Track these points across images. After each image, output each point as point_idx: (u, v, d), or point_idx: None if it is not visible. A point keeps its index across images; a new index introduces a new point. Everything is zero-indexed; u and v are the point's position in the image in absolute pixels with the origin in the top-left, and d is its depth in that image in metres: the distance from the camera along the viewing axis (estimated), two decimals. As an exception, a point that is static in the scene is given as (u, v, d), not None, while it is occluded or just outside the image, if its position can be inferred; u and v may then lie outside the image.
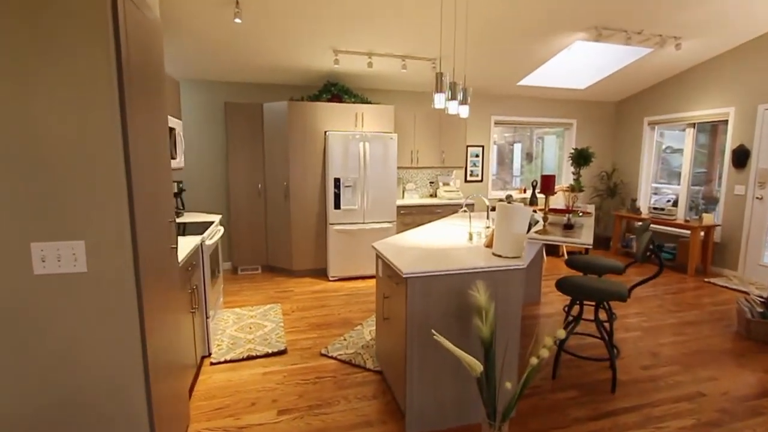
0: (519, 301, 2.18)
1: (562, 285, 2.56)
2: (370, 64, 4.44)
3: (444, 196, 5.57)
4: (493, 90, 5.95)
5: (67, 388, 1.46)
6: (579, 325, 3.18)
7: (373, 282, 4.83)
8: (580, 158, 3.07)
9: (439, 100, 2.71)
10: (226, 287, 4.59)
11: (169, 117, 3.07)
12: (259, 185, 5.04)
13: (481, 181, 6.32)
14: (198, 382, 2.65)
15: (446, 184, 5.91)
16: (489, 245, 2.51)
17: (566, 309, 3.18)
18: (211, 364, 2.87)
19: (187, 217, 3.75)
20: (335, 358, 2.94)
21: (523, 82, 5.57)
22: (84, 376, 1.47)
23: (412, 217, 5.23)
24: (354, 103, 4.98)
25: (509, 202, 2.29)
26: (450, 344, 1.67)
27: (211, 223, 3.41)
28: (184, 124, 5.01)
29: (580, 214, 2.74)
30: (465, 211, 2.77)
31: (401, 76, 5.04)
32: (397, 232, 5.13)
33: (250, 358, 2.94)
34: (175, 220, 2.02)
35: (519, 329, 2.22)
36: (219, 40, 3.86)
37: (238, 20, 3.38)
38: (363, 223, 4.83)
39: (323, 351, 3.03)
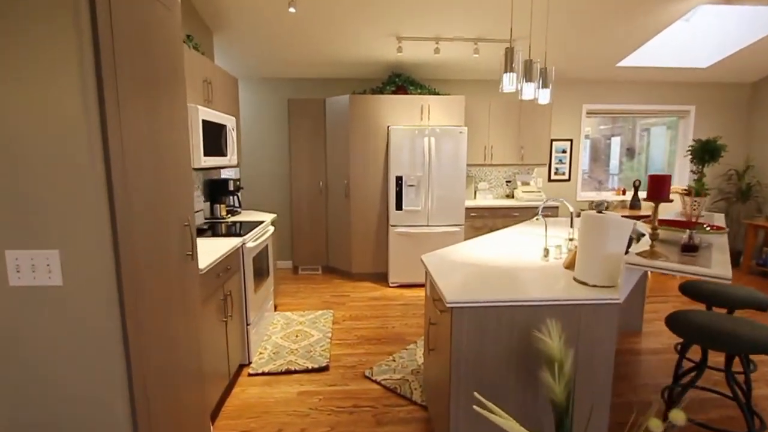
0: (610, 350, 1.61)
1: (675, 323, 1.90)
2: (437, 50, 3.99)
3: (522, 198, 4.91)
4: (586, 74, 5.11)
5: (43, 409, 1.29)
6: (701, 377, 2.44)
7: (436, 291, 4.39)
8: (705, 153, 2.32)
9: (509, 82, 2.19)
10: (283, 288, 4.48)
11: (220, 113, 2.95)
12: (321, 183, 4.87)
13: (569, 180, 5.50)
14: (231, 395, 2.47)
15: (525, 183, 5.23)
16: (570, 266, 1.94)
17: (679, 348, 2.45)
18: (249, 374, 2.68)
19: (244, 216, 3.65)
20: (379, 383, 2.57)
21: (624, 63, 4.67)
22: (61, 397, 1.28)
23: (483, 220, 4.67)
24: (420, 94, 4.56)
25: (600, 211, 1.72)
26: (500, 417, 1.20)
27: (261, 222, 3.25)
28: (248, 123, 5.01)
29: (708, 228, 2.03)
30: (538, 218, 2.22)
31: (473, 62, 4.50)
32: (466, 238, 4.61)
33: (288, 372, 2.70)
34: (191, 224, 1.80)
35: (609, 389, 1.65)
36: (277, 36, 3.70)
37: (292, 9, 3.16)
38: (427, 225, 4.40)
39: (367, 373, 2.68)
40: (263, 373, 2.69)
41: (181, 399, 1.70)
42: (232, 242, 2.55)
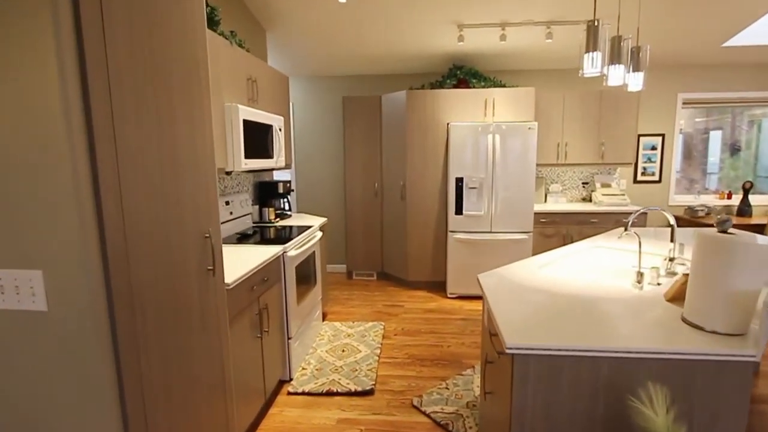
0: (739, 429, 1.16)
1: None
2: (503, 38, 3.56)
3: (602, 201, 4.28)
4: (682, 57, 4.34)
5: (36, 452, 1.15)
6: None
7: (498, 305, 3.95)
8: None
9: (591, 64, 1.76)
10: (335, 294, 4.32)
11: (265, 113, 2.81)
12: (376, 184, 4.64)
13: (659, 181, 4.73)
14: (268, 416, 2.30)
15: (606, 185, 4.57)
16: (675, 299, 1.49)
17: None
18: (289, 393, 2.51)
19: (293, 220, 3.52)
20: (429, 416, 2.26)
21: (732, 42, 3.88)
22: (53, 442, 1.14)
23: (555, 227, 4.14)
24: (483, 87, 4.15)
25: (725, 230, 1.26)
26: None
27: (308, 227, 3.08)
28: (302, 122, 4.92)
29: None
30: (627, 233, 1.77)
31: (545, 49, 3.98)
32: (534, 246, 4.12)
33: (329, 393, 2.48)
34: (213, 236, 1.63)
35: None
36: (331, 32, 3.51)
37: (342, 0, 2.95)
38: (490, 232, 3.98)
39: (416, 401, 2.38)
40: (303, 393, 2.50)
41: (199, 419, 1.53)
42: (271, 251, 2.38)
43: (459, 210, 3.98)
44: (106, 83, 1.10)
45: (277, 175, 6.00)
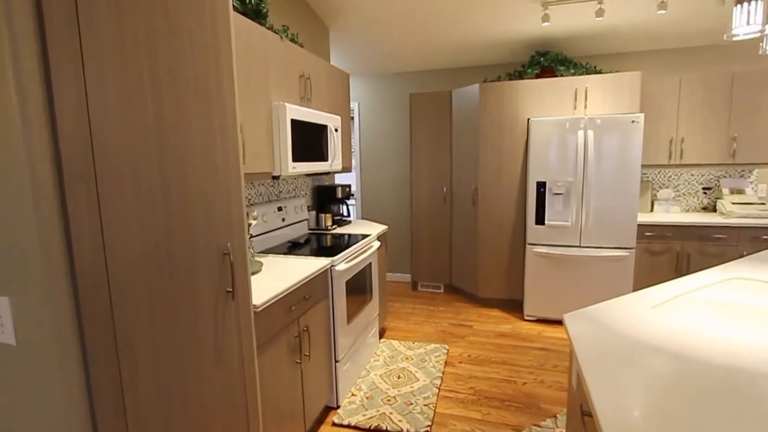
0: None
1: None
2: (599, 13, 2.95)
3: (732, 212, 3.42)
4: None
5: None
6: None
7: (588, 334, 3.31)
8: None
9: (747, 19, 1.21)
10: (396, 307, 3.99)
11: (319, 112, 2.58)
12: (444, 188, 4.23)
13: (815, 186, 3.68)
14: (308, 451, 2.04)
15: (738, 191, 3.66)
16: None
17: None
18: (334, 424, 2.23)
19: (351, 227, 3.27)
20: (494, 479, 1.82)
21: None
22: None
23: (666, 242, 3.38)
24: (573, 75, 3.54)
25: None
26: None
27: (365, 237, 2.80)
28: (367, 122, 4.67)
29: None
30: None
31: (654, 24, 3.26)
32: (638, 266, 3.41)
33: (378, 431, 2.15)
34: (231, 253, 1.38)
35: None
36: (398, 25, 3.20)
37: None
38: (579, 246, 3.36)
39: (479, 455, 1.95)
40: (349, 426, 2.20)
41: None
42: (316, 264, 2.12)
43: (540, 219, 3.43)
44: (78, 68, 0.89)
45: (340, 179, 5.87)
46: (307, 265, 2.11)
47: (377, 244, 2.91)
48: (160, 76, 1.09)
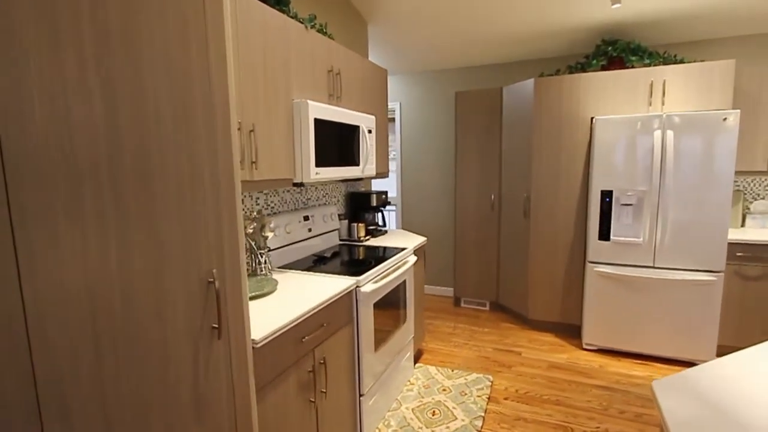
0: None
1: None
2: (687, -12, 2.45)
3: None
4: None
5: None
6: None
7: (660, 372, 2.79)
8: None
9: None
10: (436, 325, 3.64)
11: (349, 111, 2.32)
12: (492, 196, 3.83)
13: None
14: (323, 502, 1.76)
15: None
16: None
17: None
18: (355, 469, 1.94)
19: (386, 238, 2.98)
20: None
21: None
22: None
23: (764, 266, 2.78)
24: (648, 65, 3.03)
25: None
26: None
27: (400, 251, 2.49)
28: (408, 125, 4.36)
29: None
30: None
31: (751, 5, 2.69)
32: (727, 297, 2.83)
33: (405, 484, 1.84)
34: (218, 280, 1.13)
35: None
36: (442, 17, 2.87)
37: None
38: (652, 267, 2.85)
39: None
40: (372, 474, 1.90)
41: None
42: (338, 285, 1.85)
43: (605, 234, 2.95)
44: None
45: (379, 185, 5.58)
46: (329, 285, 1.84)
47: (413, 258, 2.59)
48: (108, 57, 0.86)
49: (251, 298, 1.68)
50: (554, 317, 3.40)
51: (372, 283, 2.07)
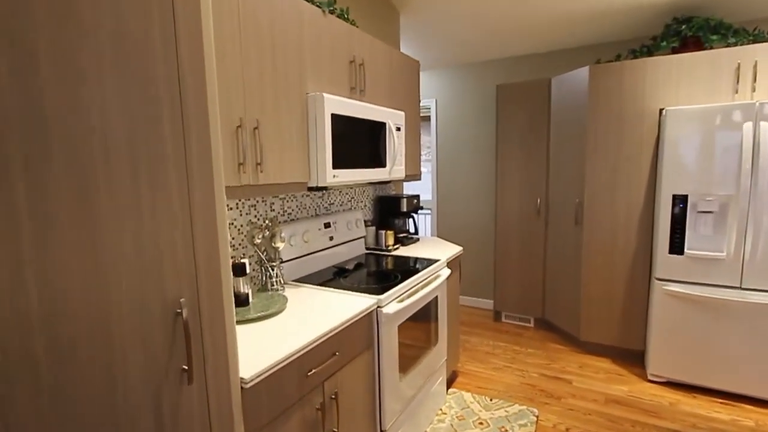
0: None
1: None
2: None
3: None
4: None
5: None
6: None
7: (751, 416, 2.30)
8: None
9: None
10: (474, 342, 3.30)
11: (374, 106, 2.06)
12: (538, 200, 3.43)
13: None
14: None
15: None
16: None
17: None
18: None
19: (417, 247, 2.69)
20: None
21: None
22: None
23: None
24: (732, 45, 2.55)
25: None
26: None
27: (430, 263, 2.20)
28: (444, 122, 4.04)
29: None
30: None
31: None
32: (837, 320, 2.30)
33: None
34: (186, 309, 0.90)
35: None
36: (482, 2, 2.56)
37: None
38: (739, 288, 2.37)
39: None
40: None
41: None
42: (355, 305, 1.59)
43: (677, 247, 2.50)
44: None
45: (411, 188, 5.28)
46: (346, 304, 1.59)
47: (447, 272, 2.29)
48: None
49: (254, 320, 1.46)
50: (611, 340, 2.96)
51: (396, 302, 1.79)
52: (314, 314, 1.52)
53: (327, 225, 2.25)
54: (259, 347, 1.24)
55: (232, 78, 1.35)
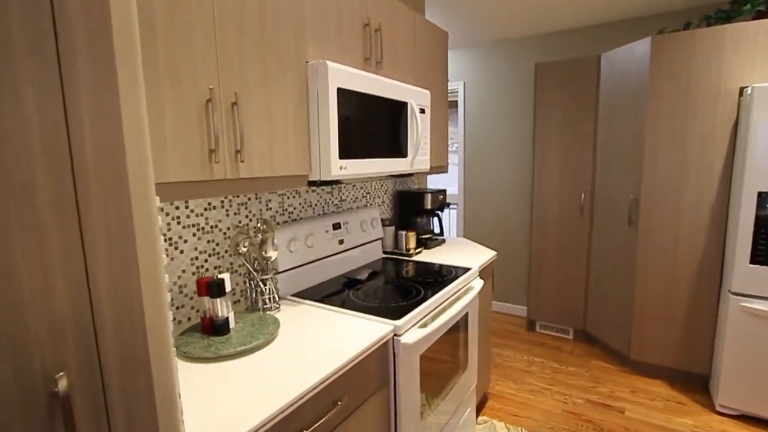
0: None
1: None
2: None
3: None
4: None
5: None
6: None
7: None
8: None
9: None
10: (506, 356, 2.91)
11: (393, 81, 1.69)
12: (582, 197, 2.99)
13: None
14: None
15: None
16: None
17: None
18: None
19: (442, 251, 2.32)
20: None
21: None
22: None
23: None
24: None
25: None
26: None
27: (460, 272, 1.82)
28: (475, 106, 3.61)
29: None
30: None
31: None
32: None
33: None
34: (75, 389, 0.56)
35: None
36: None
37: None
38: (840, 307, 1.91)
39: None
40: None
41: None
42: (366, 334, 1.24)
43: (762, 256, 2.04)
44: None
45: (435, 182, 4.88)
46: (353, 331, 1.24)
47: (479, 284, 1.90)
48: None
49: (229, 357, 1.12)
50: (669, 361, 2.53)
51: (418, 327, 1.43)
52: (312, 346, 1.17)
53: (336, 226, 1.90)
54: (229, 403, 0.90)
55: (197, 32, 0.99)
